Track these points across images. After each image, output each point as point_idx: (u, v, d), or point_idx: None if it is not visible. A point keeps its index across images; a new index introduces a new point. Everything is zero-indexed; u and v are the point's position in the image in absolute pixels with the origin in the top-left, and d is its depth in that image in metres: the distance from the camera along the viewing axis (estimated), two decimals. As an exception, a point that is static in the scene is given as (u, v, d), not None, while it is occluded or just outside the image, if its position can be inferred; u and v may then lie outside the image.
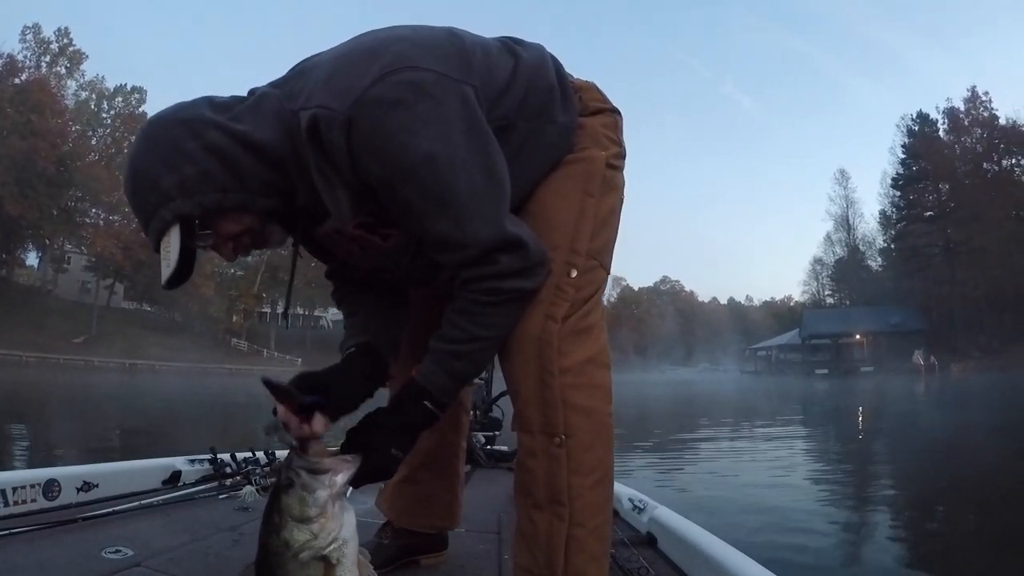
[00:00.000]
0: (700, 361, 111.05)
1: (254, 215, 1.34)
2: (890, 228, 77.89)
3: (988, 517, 6.21)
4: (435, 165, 1.24)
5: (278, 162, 1.29)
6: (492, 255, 1.33)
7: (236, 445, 3.29)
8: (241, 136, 1.27)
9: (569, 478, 1.43)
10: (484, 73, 1.37)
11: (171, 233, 1.26)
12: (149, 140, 1.29)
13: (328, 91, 1.25)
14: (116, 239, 62.72)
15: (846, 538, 5.76)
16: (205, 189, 1.26)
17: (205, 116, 1.28)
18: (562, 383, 1.43)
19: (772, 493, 7.49)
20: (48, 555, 1.86)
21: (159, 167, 1.25)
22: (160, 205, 1.25)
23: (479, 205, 1.30)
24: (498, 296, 1.36)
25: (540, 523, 1.45)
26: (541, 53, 1.53)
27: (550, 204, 1.50)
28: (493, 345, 1.44)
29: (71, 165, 61.84)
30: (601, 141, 1.55)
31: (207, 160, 1.25)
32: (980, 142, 68.39)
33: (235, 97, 1.36)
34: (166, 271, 1.27)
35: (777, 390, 39.10)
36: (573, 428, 1.43)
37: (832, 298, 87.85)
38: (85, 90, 68.55)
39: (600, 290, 1.54)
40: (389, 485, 2.04)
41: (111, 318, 65.29)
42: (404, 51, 1.27)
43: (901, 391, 33.56)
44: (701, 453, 11.70)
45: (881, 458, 11.22)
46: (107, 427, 13.61)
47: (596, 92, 1.61)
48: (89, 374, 45.00)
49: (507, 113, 1.40)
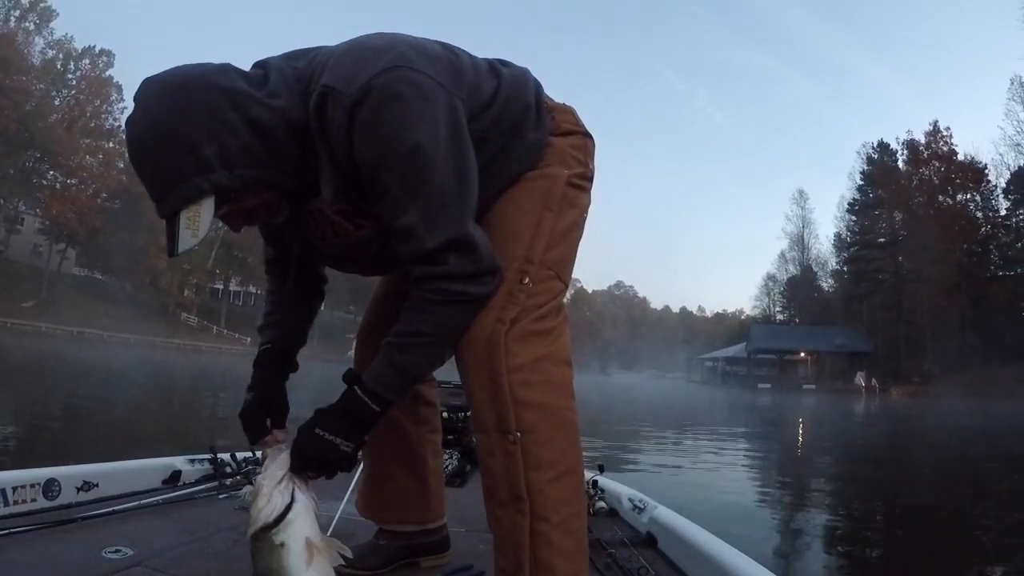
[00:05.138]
0: (647, 367, 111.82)
1: (277, 192, 1.39)
2: (843, 251, 79.62)
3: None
4: (418, 157, 1.31)
5: (305, 142, 1.35)
6: (443, 254, 1.37)
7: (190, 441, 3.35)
8: (281, 115, 1.31)
9: (527, 473, 1.44)
10: (471, 89, 1.44)
11: (204, 204, 1.25)
12: (182, 102, 1.24)
13: (337, 75, 1.31)
14: (72, 204, 61.54)
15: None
16: (246, 163, 1.28)
17: (244, 89, 1.28)
18: (511, 381, 1.44)
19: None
20: (48, 555, 1.86)
21: (198, 133, 1.22)
22: (196, 173, 1.23)
23: (446, 204, 1.36)
24: (444, 296, 1.40)
25: (504, 520, 1.47)
26: (524, 75, 1.61)
27: (509, 216, 1.55)
28: (436, 343, 1.46)
29: (32, 125, 60.28)
30: (567, 160, 1.59)
31: (250, 135, 1.27)
32: (937, 175, 69.93)
33: (255, 69, 1.39)
34: (189, 241, 1.25)
35: (715, 401, 39.94)
36: (527, 424, 1.44)
37: (782, 314, 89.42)
38: (52, 49, 67.03)
39: (556, 299, 1.56)
40: (361, 483, 2.06)
41: (62, 284, 63.94)
42: (408, 54, 1.35)
43: (840, 409, 34.82)
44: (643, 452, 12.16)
45: (806, 469, 11.92)
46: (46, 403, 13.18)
47: (570, 115, 1.66)
48: (39, 340, 44.09)
49: (485, 127, 1.47)
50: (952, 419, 26.88)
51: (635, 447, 12.80)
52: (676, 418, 22.41)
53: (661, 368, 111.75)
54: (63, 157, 62.77)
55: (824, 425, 23.64)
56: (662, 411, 25.46)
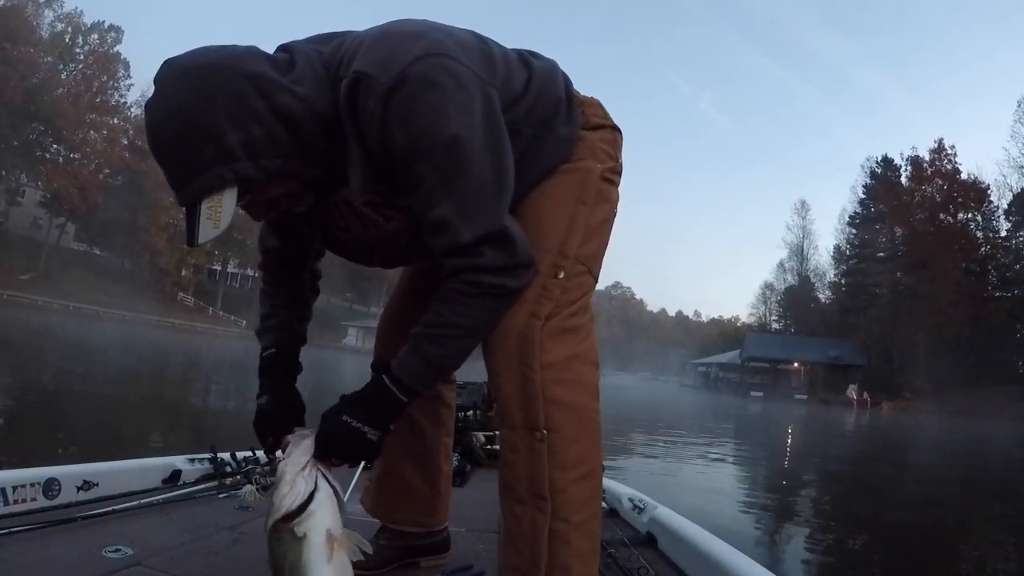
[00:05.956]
0: (641, 369, 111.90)
1: (300, 181, 1.35)
2: (842, 263, 79.66)
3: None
4: (456, 148, 1.28)
5: (333, 130, 1.32)
6: (479, 247, 1.34)
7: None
8: (308, 102, 1.27)
9: (551, 472, 1.42)
10: (504, 79, 1.43)
11: (226, 194, 1.21)
12: (204, 87, 1.19)
13: (370, 60, 1.28)
14: (74, 178, 61.45)
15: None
16: (271, 153, 1.24)
17: (270, 75, 1.23)
18: (543, 378, 1.43)
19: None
20: (48, 554, 1.85)
21: (222, 120, 1.18)
22: (219, 162, 1.19)
23: (483, 197, 1.34)
24: (478, 288, 1.36)
25: (523, 518, 1.45)
26: (553, 68, 1.59)
27: (544, 209, 1.52)
28: (468, 335, 1.42)
29: (38, 98, 60.25)
30: (598, 154, 1.58)
31: (275, 123, 1.23)
32: (939, 192, 69.87)
33: (280, 53, 1.34)
34: (211, 232, 1.22)
35: (711, 407, 40.09)
36: (555, 422, 1.43)
37: (778, 324, 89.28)
38: (61, 22, 66.85)
39: (587, 295, 1.54)
40: (372, 480, 2.05)
41: (60, 258, 63.99)
42: (444, 41, 1.32)
43: (831, 421, 34.98)
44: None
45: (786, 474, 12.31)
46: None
47: (599, 108, 1.65)
48: (35, 313, 44.02)
49: (516, 119, 1.45)
50: (927, 437, 27.15)
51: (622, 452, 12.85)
52: (665, 422, 22.49)
53: (655, 371, 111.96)
54: (67, 131, 62.75)
55: (808, 435, 23.84)
56: (647, 417, 25.47)
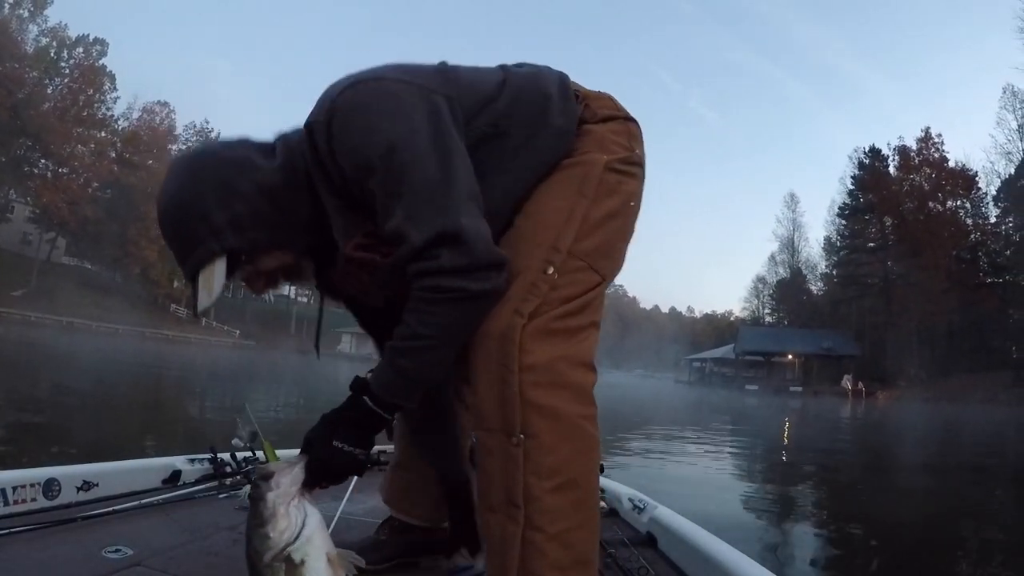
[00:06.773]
0: (636, 367, 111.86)
1: (293, 252, 1.46)
2: (833, 255, 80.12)
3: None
4: (393, 156, 1.30)
5: (312, 191, 1.42)
6: (433, 249, 1.30)
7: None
8: (284, 171, 1.40)
9: (526, 479, 1.34)
10: (466, 86, 1.44)
11: (216, 264, 1.35)
12: (196, 176, 1.38)
13: (314, 110, 1.40)
14: (63, 193, 61.24)
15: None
16: (256, 226, 1.37)
17: (251, 158, 1.40)
18: (522, 380, 1.35)
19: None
20: (48, 554, 1.85)
21: (210, 203, 1.34)
22: (209, 238, 1.34)
23: (431, 197, 1.31)
24: (438, 293, 1.32)
25: (493, 526, 1.38)
26: (541, 69, 1.60)
27: (542, 204, 1.49)
28: (440, 345, 1.37)
29: (24, 113, 60.10)
30: (607, 146, 1.53)
31: (257, 199, 1.37)
32: (928, 181, 70.26)
33: (277, 138, 1.48)
34: (206, 300, 1.35)
35: (706, 403, 40.11)
36: (534, 428, 1.34)
37: (771, 317, 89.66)
38: (46, 36, 66.55)
39: (588, 293, 1.46)
40: (388, 470, 2.07)
41: (52, 273, 63.62)
42: (375, 70, 1.40)
43: (827, 411, 35.15)
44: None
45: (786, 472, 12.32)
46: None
47: (609, 100, 1.62)
48: (28, 330, 43.78)
49: (497, 121, 1.45)
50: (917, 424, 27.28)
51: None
52: (659, 421, 22.47)
53: (649, 367, 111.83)
54: (55, 146, 62.51)
55: (802, 428, 23.95)
56: (641, 418, 25.52)
